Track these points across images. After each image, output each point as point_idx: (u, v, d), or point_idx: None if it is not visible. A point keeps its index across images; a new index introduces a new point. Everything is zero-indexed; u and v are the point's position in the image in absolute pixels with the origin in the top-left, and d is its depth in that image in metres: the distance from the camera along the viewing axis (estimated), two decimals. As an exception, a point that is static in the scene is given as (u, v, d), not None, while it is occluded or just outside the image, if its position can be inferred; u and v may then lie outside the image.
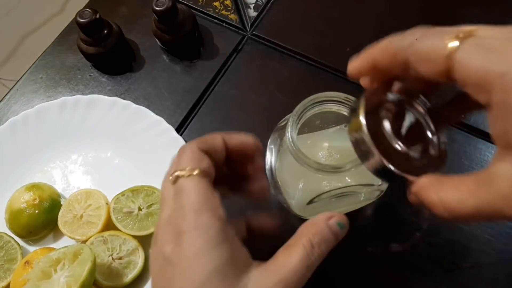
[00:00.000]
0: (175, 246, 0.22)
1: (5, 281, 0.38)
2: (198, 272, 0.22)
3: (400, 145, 0.23)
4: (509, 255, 0.38)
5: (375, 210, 0.39)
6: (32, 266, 0.37)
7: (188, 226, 0.22)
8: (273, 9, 0.52)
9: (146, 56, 0.51)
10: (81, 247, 0.35)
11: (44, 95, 0.50)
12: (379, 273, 0.39)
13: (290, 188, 0.33)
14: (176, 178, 0.24)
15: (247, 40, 0.51)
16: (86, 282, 0.33)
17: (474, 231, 0.39)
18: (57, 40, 0.53)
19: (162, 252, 0.23)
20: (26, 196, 0.41)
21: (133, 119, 0.45)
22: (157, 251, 0.24)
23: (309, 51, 0.49)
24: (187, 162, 0.24)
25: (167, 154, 0.43)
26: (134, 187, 0.41)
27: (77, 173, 0.45)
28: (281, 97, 0.47)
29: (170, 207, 0.24)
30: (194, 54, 0.50)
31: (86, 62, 0.51)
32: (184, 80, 0.49)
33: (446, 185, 0.20)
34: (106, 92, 0.49)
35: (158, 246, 0.24)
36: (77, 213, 0.40)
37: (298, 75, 0.48)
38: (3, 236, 0.40)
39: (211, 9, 0.53)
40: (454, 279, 0.38)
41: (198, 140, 0.26)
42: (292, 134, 0.29)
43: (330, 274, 0.36)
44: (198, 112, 0.47)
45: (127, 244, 0.39)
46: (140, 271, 0.38)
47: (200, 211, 0.23)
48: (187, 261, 0.22)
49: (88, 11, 0.45)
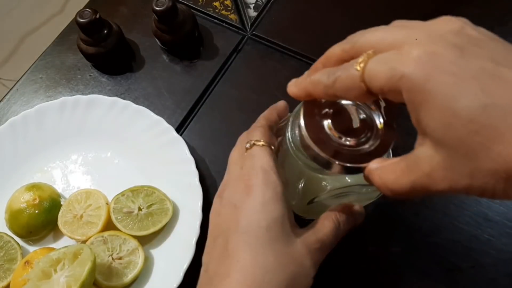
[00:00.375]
0: (245, 195, 0.27)
1: (5, 281, 0.38)
2: (264, 217, 0.26)
3: (347, 140, 0.26)
4: (509, 255, 0.38)
5: (375, 210, 0.39)
6: (32, 266, 0.37)
7: (258, 182, 0.27)
8: (273, 9, 0.52)
9: (146, 56, 0.51)
10: (81, 247, 0.35)
11: (44, 95, 0.50)
12: (379, 273, 0.39)
13: (290, 189, 0.33)
14: (253, 144, 0.29)
15: (247, 40, 0.51)
16: (86, 282, 0.33)
17: (474, 231, 0.39)
18: (57, 40, 0.53)
19: (231, 200, 0.28)
20: (26, 196, 0.41)
21: (133, 119, 0.45)
22: (224, 201, 0.29)
23: (309, 51, 0.49)
24: (261, 136, 0.30)
25: (167, 154, 0.43)
26: (134, 187, 0.41)
27: (77, 173, 0.45)
28: (281, 97, 0.47)
29: (239, 168, 0.29)
30: (194, 54, 0.50)
31: (86, 62, 0.51)
32: (184, 80, 0.49)
33: (385, 169, 0.23)
34: (106, 92, 0.49)
35: (225, 197, 0.29)
36: (77, 213, 0.40)
37: (298, 75, 0.48)
38: (3, 236, 0.40)
39: (211, 9, 0.53)
40: (454, 279, 0.38)
41: (265, 118, 0.32)
42: (292, 134, 0.29)
43: (330, 274, 0.36)
44: (198, 112, 0.48)
45: (127, 244, 0.39)
46: (140, 271, 0.38)
47: (269, 172, 0.28)
48: (256, 208, 0.26)
49: (88, 11, 0.45)
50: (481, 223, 0.39)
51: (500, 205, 0.40)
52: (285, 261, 0.26)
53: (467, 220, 0.40)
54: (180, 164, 0.42)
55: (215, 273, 0.27)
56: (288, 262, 0.26)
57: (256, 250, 0.26)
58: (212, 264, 0.27)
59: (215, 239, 0.28)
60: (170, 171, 0.43)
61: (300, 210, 0.34)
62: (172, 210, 0.40)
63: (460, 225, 0.39)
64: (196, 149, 0.45)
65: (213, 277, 0.27)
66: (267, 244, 0.26)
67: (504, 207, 0.40)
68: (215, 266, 0.27)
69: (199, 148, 0.45)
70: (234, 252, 0.26)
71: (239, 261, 0.26)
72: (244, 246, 0.26)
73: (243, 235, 0.26)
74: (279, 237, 0.26)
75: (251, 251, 0.26)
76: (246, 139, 0.30)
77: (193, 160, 0.41)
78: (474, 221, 0.39)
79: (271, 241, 0.26)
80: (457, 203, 0.40)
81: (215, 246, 0.28)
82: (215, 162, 0.45)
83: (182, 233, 0.40)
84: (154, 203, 0.40)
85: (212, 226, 0.29)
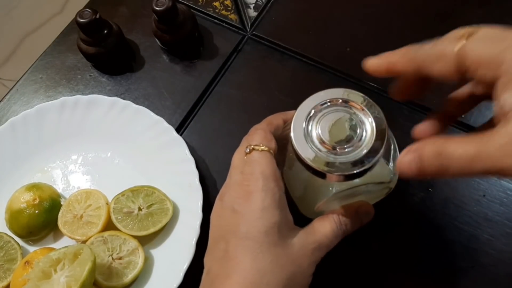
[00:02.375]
0: (244, 201, 0.28)
1: (5, 281, 0.38)
2: (262, 223, 0.27)
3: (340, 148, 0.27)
4: (509, 255, 0.38)
5: (375, 210, 0.39)
6: (32, 266, 0.37)
7: (257, 188, 0.28)
8: (273, 9, 0.52)
9: (146, 56, 0.51)
10: (81, 247, 0.35)
11: (44, 95, 0.50)
12: (379, 273, 0.39)
13: (297, 193, 0.33)
14: (252, 149, 0.30)
15: (247, 40, 0.51)
16: (86, 282, 0.33)
17: (474, 231, 0.39)
18: (57, 40, 0.53)
19: (231, 204, 0.29)
20: (26, 196, 0.41)
21: (133, 119, 0.45)
22: (225, 204, 0.29)
23: (309, 51, 0.49)
24: (260, 140, 0.30)
25: (167, 154, 0.43)
26: (134, 187, 0.41)
27: (77, 173, 0.45)
28: (281, 97, 0.47)
29: (240, 173, 0.30)
30: (194, 54, 0.50)
31: (86, 62, 0.51)
32: (184, 80, 0.49)
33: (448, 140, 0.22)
34: (106, 92, 0.49)
35: (226, 200, 0.29)
36: (77, 213, 0.40)
37: (298, 75, 0.48)
38: (3, 236, 0.40)
39: (211, 9, 0.53)
40: (454, 279, 0.38)
41: (267, 122, 0.32)
42: None
43: (330, 274, 0.36)
44: (198, 112, 0.48)
45: (127, 244, 0.39)
46: (140, 271, 0.38)
47: (268, 178, 0.28)
48: (254, 214, 0.27)
49: (88, 11, 0.45)
50: (481, 223, 0.39)
51: (500, 205, 0.40)
52: (282, 263, 0.27)
53: (467, 220, 0.40)
54: (180, 164, 0.42)
55: (216, 275, 0.28)
56: (285, 263, 0.27)
57: (255, 254, 0.27)
58: (214, 266, 0.29)
59: (216, 242, 0.29)
60: (170, 171, 0.43)
61: (309, 213, 0.34)
62: (172, 210, 0.40)
63: (460, 225, 0.39)
64: (196, 149, 0.45)
65: (214, 279, 0.28)
66: (266, 247, 0.27)
67: (504, 207, 0.40)
68: (216, 268, 0.28)
69: (199, 148, 0.45)
70: (234, 255, 0.27)
71: (239, 264, 0.27)
72: (244, 250, 0.27)
73: (243, 240, 0.27)
74: (277, 241, 0.28)
75: (250, 254, 0.27)
76: (246, 142, 0.31)
77: (193, 160, 0.41)
78: (474, 221, 0.39)
79: (269, 245, 0.27)
80: (456, 203, 0.40)
81: (216, 249, 0.29)
82: (215, 162, 0.45)
83: (182, 233, 0.40)
84: (154, 203, 0.40)
85: (213, 228, 0.30)
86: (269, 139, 0.30)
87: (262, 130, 0.31)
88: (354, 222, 0.31)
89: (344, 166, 0.26)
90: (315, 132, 0.28)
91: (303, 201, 0.34)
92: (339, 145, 0.27)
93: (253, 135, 0.31)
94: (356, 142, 0.27)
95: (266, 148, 0.30)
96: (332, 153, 0.27)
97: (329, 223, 0.30)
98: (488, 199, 0.40)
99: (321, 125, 0.28)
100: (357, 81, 0.47)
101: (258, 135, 0.31)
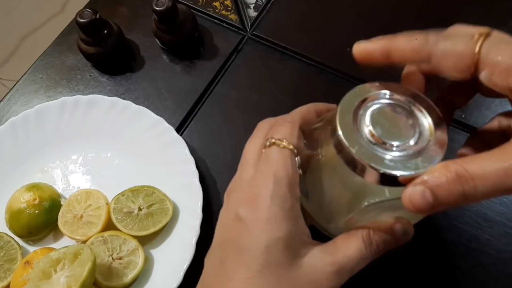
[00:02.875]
0: (249, 207, 0.24)
1: (5, 281, 0.38)
2: (265, 236, 0.23)
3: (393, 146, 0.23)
4: (509, 255, 0.38)
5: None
6: (32, 266, 0.37)
7: (265, 193, 0.24)
8: (273, 9, 0.52)
9: (146, 56, 0.51)
10: (81, 247, 0.35)
11: (44, 95, 0.50)
12: (379, 273, 0.39)
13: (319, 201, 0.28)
14: (273, 143, 0.25)
15: (247, 40, 0.51)
16: (86, 282, 0.33)
17: (474, 231, 0.39)
18: (57, 40, 0.53)
19: (236, 208, 0.25)
20: (26, 196, 0.41)
21: (133, 119, 0.45)
22: (229, 206, 0.26)
23: (309, 51, 0.49)
24: (286, 135, 0.25)
25: (167, 154, 0.43)
26: (134, 187, 0.41)
27: (77, 173, 0.45)
28: (281, 97, 0.47)
29: (252, 170, 0.26)
30: (194, 54, 0.50)
31: (86, 62, 0.51)
32: (184, 80, 0.49)
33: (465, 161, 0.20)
34: (106, 92, 0.49)
35: (232, 201, 0.26)
36: (77, 213, 0.40)
37: (298, 75, 0.48)
38: (3, 236, 0.40)
39: (211, 9, 0.53)
40: (454, 279, 0.38)
41: (301, 115, 0.27)
42: None
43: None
44: (198, 112, 0.47)
45: (127, 244, 0.39)
46: (140, 271, 0.38)
47: (281, 183, 0.24)
48: (257, 224, 0.24)
49: (88, 11, 0.45)
50: (481, 223, 0.39)
51: (500, 205, 0.40)
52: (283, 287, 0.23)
53: (467, 220, 0.40)
54: (180, 164, 0.42)
55: (208, 285, 0.26)
56: None
57: (251, 272, 0.23)
58: (208, 276, 0.26)
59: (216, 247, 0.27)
60: (170, 171, 0.43)
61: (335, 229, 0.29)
62: (172, 210, 0.40)
63: (460, 225, 0.39)
64: (196, 149, 0.45)
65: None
66: (264, 266, 0.23)
67: (504, 207, 0.40)
68: (210, 278, 0.26)
69: (199, 148, 0.45)
70: (229, 269, 0.24)
71: (231, 281, 0.24)
72: (239, 267, 0.24)
73: (240, 253, 0.24)
74: (280, 259, 0.23)
75: (245, 273, 0.23)
76: (267, 131, 0.27)
77: (193, 160, 0.41)
78: (474, 221, 0.39)
79: (268, 263, 0.23)
80: (457, 203, 0.40)
81: (215, 255, 0.26)
82: (215, 162, 0.45)
83: (182, 233, 0.40)
84: (154, 203, 0.40)
85: (217, 228, 0.27)
86: (296, 136, 0.26)
87: (291, 124, 0.26)
88: (388, 242, 0.25)
89: (395, 165, 0.22)
90: (366, 127, 0.23)
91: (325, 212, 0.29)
92: (392, 141, 0.23)
93: (280, 126, 0.26)
94: (412, 143, 0.23)
95: (289, 146, 0.25)
96: (383, 149, 0.23)
97: (355, 241, 0.24)
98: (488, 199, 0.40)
99: (374, 119, 0.24)
100: (357, 81, 0.47)
101: (285, 128, 0.26)
